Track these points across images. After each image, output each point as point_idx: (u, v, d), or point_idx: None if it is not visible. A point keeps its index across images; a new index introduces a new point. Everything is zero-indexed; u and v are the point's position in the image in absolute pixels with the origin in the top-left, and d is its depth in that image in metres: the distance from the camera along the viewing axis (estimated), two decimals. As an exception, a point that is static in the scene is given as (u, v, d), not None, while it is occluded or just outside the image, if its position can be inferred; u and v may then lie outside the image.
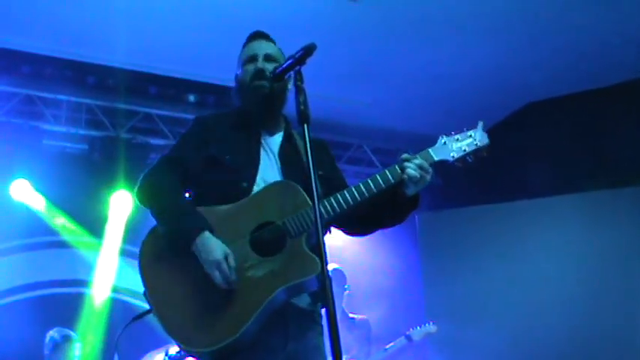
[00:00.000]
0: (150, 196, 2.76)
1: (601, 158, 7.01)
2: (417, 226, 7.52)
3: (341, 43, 6.31)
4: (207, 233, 2.56)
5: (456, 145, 2.75)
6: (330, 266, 3.05)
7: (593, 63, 6.83)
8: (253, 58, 2.87)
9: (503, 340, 6.66)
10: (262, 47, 2.90)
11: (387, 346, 5.85)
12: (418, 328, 5.88)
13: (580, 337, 6.42)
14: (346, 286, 5.99)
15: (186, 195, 2.84)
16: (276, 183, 2.72)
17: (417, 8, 6.03)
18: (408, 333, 5.86)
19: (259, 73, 2.81)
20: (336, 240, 3.08)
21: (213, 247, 2.54)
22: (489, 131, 2.78)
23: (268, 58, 2.86)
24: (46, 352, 5.81)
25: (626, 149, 6.89)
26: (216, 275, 2.51)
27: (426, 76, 7.05)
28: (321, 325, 2.72)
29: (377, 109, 7.62)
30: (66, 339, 5.83)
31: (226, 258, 2.53)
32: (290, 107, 2.73)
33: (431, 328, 5.91)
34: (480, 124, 2.76)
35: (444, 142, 2.76)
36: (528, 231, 7.03)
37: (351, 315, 6.01)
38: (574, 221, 6.91)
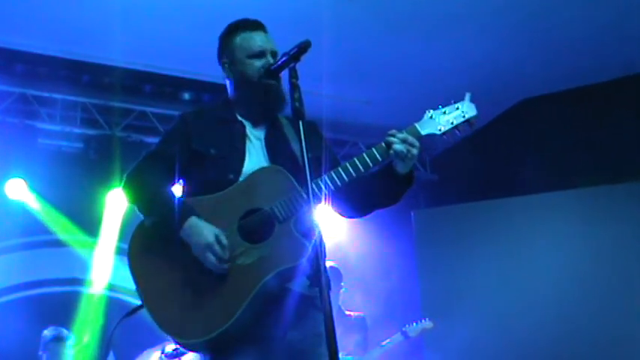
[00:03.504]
0: (135, 191, 2.75)
1: (596, 154, 7.02)
2: (413, 222, 7.52)
3: (336, 41, 6.30)
4: (194, 218, 2.56)
5: (443, 119, 2.69)
6: (326, 264, 3.06)
7: (588, 59, 6.85)
8: (262, 54, 2.82)
9: (498, 336, 6.68)
10: (267, 42, 2.86)
11: (384, 343, 5.86)
12: (414, 324, 5.89)
13: (576, 332, 6.43)
14: (342, 284, 6.00)
15: (178, 185, 2.82)
16: (262, 169, 2.71)
17: (411, 6, 6.04)
18: (404, 329, 5.87)
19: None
20: (331, 237, 3.08)
21: (202, 229, 2.54)
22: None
23: (274, 55, 2.82)
24: (39, 352, 5.83)
25: (622, 145, 6.91)
26: (209, 258, 2.50)
27: (420, 73, 7.05)
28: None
29: (372, 106, 7.62)
30: (56, 339, 5.83)
31: (217, 239, 2.52)
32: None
33: (427, 324, 5.92)
34: (468, 95, 2.72)
35: (431, 116, 2.70)
36: (524, 227, 7.04)
37: (347, 312, 6.02)
38: (570, 217, 6.91)
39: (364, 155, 2.65)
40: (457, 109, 2.71)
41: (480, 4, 6.05)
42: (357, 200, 2.83)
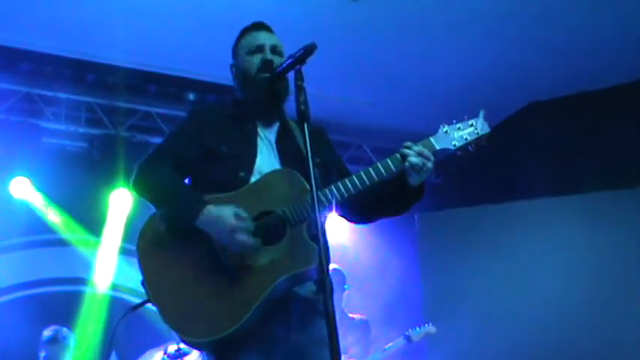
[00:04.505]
0: (147, 183, 2.73)
1: (601, 159, 7.01)
2: (417, 226, 7.51)
3: (341, 43, 6.31)
4: (210, 206, 2.54)
5: (457, 134, 2.73)
6: (330, 266, 3.03)
7: (593, 64, 6.83)
8: (260, 49, 2.84)
9: (500, 340, 6.67)
10: (268, 38, 2.88)
11: (386, 346, 5.85)
12: (417, 328, 5.87)
13: (577, 336, 6.43)
14: (345, 286, 5.98)
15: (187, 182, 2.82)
16: (276, 171, 2.71)
17: (417, 8, 6.04)
18: (407, 333, 5.85)
19: (268, 65, 2.78)
20: (335, 240, 3.07)
21: (222, 214, 2.51)
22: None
23: (274, 50, 2.84)
24: (39, 352, 5.85)
25: (626, 151, 6.90)
26: (240, 238, 2.48)
27: (426, 75, 7.05)
28: None
29: (377, 109, 7.62)
30: (53, 340, 5.83)
31: (238, 216, 2.50)
32: (290, 105, 2.72)
33: (430, 328, 5.90)
34: (482, 113, 2.75)
35: (446, 131, 2.74)
36: (528, 232, 7.03)
37: (350, 315, 6.00)
38: (573, 223, 6.90)
39: (378, 165, 2.67)
40: (471, 125, 2.74)
41: (485, 7, 6.05)
42: (364, 208, 2.85)
